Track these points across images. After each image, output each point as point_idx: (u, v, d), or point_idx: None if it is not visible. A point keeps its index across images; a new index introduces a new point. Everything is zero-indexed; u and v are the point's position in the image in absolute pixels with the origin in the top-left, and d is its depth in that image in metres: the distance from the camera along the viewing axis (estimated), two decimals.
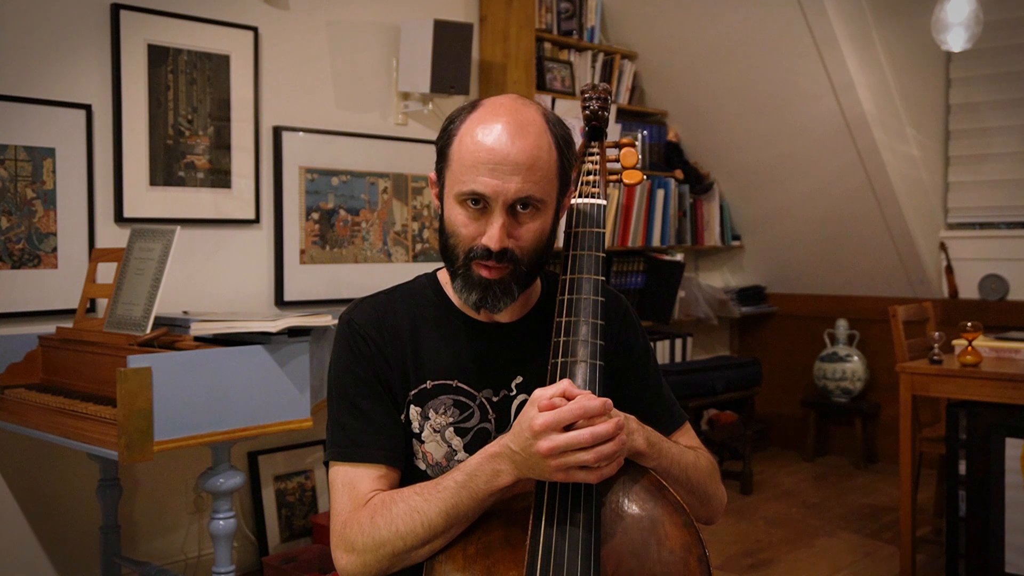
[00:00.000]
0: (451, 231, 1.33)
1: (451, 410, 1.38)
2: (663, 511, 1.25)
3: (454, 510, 1.24)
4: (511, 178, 1.28)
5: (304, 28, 3.74)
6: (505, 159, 1.28)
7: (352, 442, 1.35)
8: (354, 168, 3.84)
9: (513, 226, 1.31)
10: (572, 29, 4.74)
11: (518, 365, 1.41)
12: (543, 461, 1.18)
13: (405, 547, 1.26)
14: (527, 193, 1.29)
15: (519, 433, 1.20)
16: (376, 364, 1.38)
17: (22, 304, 3.02)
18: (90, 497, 3.08)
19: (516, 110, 1.32)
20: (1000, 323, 4.33)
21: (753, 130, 5.02)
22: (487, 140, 1.29)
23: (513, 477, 1.23)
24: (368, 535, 1.28)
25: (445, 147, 1.35)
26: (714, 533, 3.86)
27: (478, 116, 1.33)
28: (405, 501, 1.27)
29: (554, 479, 1.20)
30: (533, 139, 1.30)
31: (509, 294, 1.34)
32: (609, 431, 1.17)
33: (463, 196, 1.31)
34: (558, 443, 1.16)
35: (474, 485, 1.24)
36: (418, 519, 1.25)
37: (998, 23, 4.49)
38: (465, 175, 1.30)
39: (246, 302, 3.55)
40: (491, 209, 1.30)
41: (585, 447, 1.16)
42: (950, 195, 4.98)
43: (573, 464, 1.17)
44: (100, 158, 3.20)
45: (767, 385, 5.05)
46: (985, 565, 3.12)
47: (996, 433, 3.11)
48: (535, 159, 1.30)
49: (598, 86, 1.49)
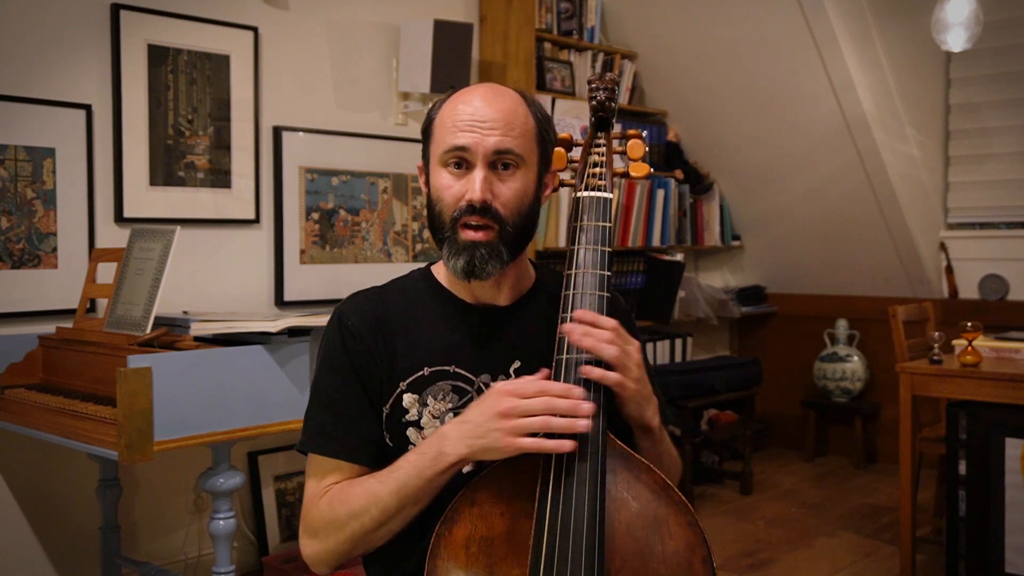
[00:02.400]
0: (437, 197, 1.37)
1: (450, 395, 1.39)
2: (668, 510, 1.24)
3: (404, 489, 1.28)
4: (490, 132, 1.34)
5: (304, 28, 3.74)
6: (484, 116, 1.35)
7: (321, 434, 1.38)
8: (354, 168, 3.84)
9: (494, 183, 1.35)
10: (572, 29, 4.74)
11: (516, 349, 1.42)
12: (496, 423, 1.22)
13: (362, 529, 1.30)
14: (506, 146, 1.34)
15: (485, 397, 1.26)
16: (358, 359, 1.39)
17: (22, 304, 3.02)
18: (90, 497, 3.08)
19: (493, 86, 1.41)
20: (1000, 323, 4.33)
21: (753, 130, 5.02)
22: (466, 105, 1.36)
23: (457, 455, 1.25)
24: (327, 519, 1.32)
25: (428, 127, 1.42)
26: (714, 533, 3.86)
27: (458, 95, 1.40)
28: (362, 484, 1.32)
29: (501, 445, 1.22)
30: (510, 102, 1.38)
31: (496, 256, 1.35)
32: (560, 390, 1.23)
33: (446, 156, 1.35)
34: (516, 404, 1.22)
35: (421, 464, 1.27)
36: (371, 499, 1.29)
37: (998, 23, 4.49)
38: (446, 136, 1.36)
39: (246, 302, 3.55)
40: (472, 166, 1.35)
41: (536, 407, 1.21)
42: (950, 195, 4.98)
43: (523, 427, 1.21)
44: (100, 158, 3.20)
45: (767, 385, 5.05)
46: (985, 565, 3.12)
47: (996, 433, 3.11)
48: (512, 116, 1.37)
49: (605, 76, 1.47)
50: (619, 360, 1.27)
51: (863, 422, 5.14)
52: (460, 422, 1.27)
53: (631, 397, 1.29)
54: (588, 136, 1.50)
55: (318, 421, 1.39)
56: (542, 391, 1.23)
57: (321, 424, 1.39)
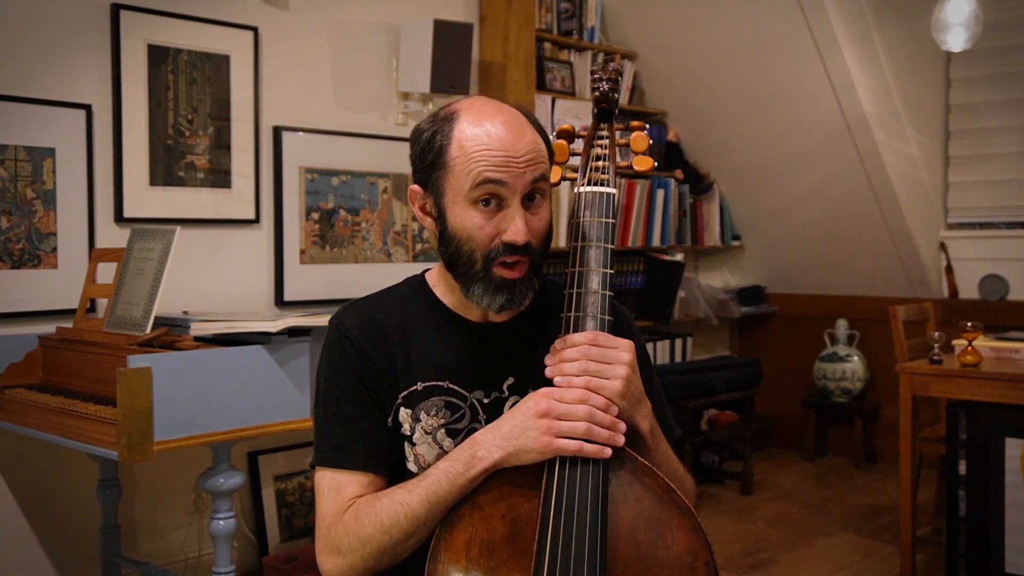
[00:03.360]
0: (467, 236, 1.31)
1: (442, 411, 1.37)
2: (671, 514, 1.23)
3: (435, 497, 1.26)
4: (526, 166, 1.30)
5: (304, 28, 3.74)
6: (516, 150, 1.29)
7: (336, 447, 1.35)
8: (354, 168, 3.84)
9: (528, 218, 1.31)
10: (572, 29, 4.74)
11: (510, 366, 1.40)
12: (534, 423, 1.23)
13: (391, 541, 1.27)
14: (540, 173, 1.31)
15: (522, 402, 1.27)
16: (363, 369, 1.37)
17: (22, 304, 3.02)
18: (90, 497, 3.08)
19: (501, 108, 1.34)
20: (1000, 323, 4.33)
21: (753, 130, 5.02)
22: (493, 138, 1.29)
23: (491, 458, 1.24)
24: (353, 534, 1.28)
25: (440, 154, 1.32)
26: (714, 533, 3.85)
27: (468, 119, 1.32)
28: (389, 496, 1.29)
29: (539, 445, 1.22)
30: (530, 131, 1.34)
31: (531, 288, 1.35)
32: (602, 403, 1.24)
33: (477, 191, 1.29)
34: (555, 405, 1.24)
35: (453, 471, 1.26)
36: (401, 511, 1.26)
37: (998, 23, 4.49)
38: (474, 168, 1.28)
39: (246, 302, 3.55)
40: (507, 203, 1.30)
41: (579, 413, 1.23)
42: (950, 195, 4.97)
43: (565, 430, 1.22)
44: (100, 158, 3.20)
45: (767, 385, 5.04)
46: (985, 565, 3.12)
47: (996, 433, 3.11)
48: (538, 147, 1.33)
49: (608, 66, 1.44)
50: (593, 370, 1.26)
51: (863, 422, 5.14)
52: (495, 426, 1.26)
53: (620, 401, 1.28)
54: (591, 128, 1.46)
55: (332, 436, 1.36)
56: (583, 400, 1.23)
57: (335, 438, 1.36)
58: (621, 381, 1.26)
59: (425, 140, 1.35)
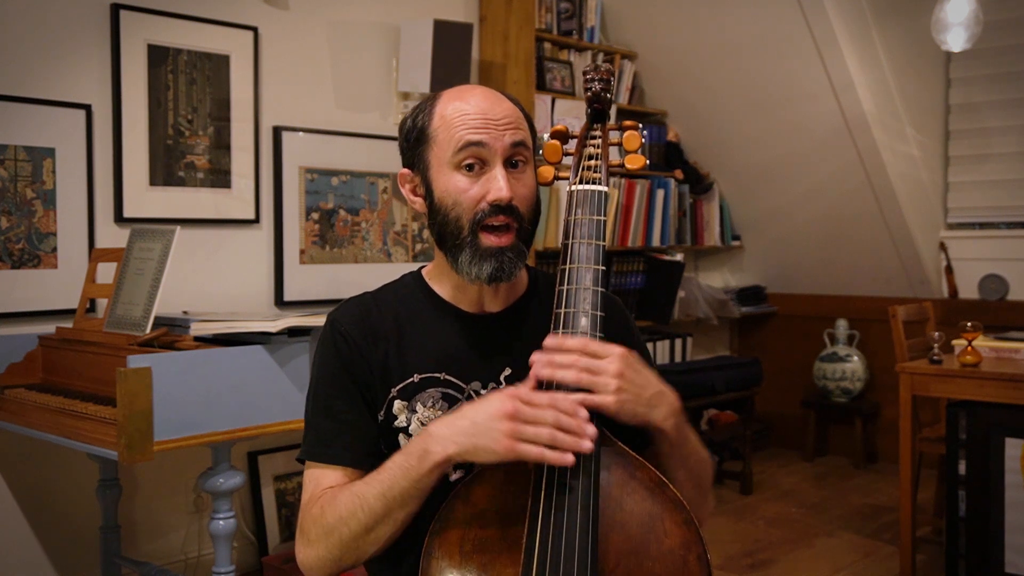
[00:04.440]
0: (453, 201, 1.33)
1: (439, 403, 1.37)
2: (663, 508, 1.23)
3: (390, 491, 1.25)
4: (505, 128, 1.33)
5: (304, 28, 3.74)
6: (494, 114, 1.34)
7: (321, 441, 1.37)
8: (354, 168, 3.85)
9: (511, 181, 1.33)
10: (572, 29, 4.74)
11: (507, 357, 1.40)
12: (498, 423, 1.19)
13: (350, 533, 1.27)
14: (520, 138, 1.34)
15: (486, 400, 1.23)
16: (354, 365, 1.37)
17: (22, 304, 3.02)
18: (90, 497, 3.08)
19: (480, 86, 1.40)
20: (1000, 323, 4.33)
21: (753, 130, 5.02)
22: (468, 104, 1.34)
23: (446, 453, 1.22)
24: (319, 524, 1.30)
25: (423, 130, 1.37)
26: (714, 533, 3.86)
27: (448, 96, 1.38)
28: (350, 488, 1.30)
29: (500, 447, 1.19)
30: (508, 102, 1.38)
31: (521, 257, 1.35)
32: (570, 408, 1.19)
33: (459, 155, 1.32)
34: (522, 409, 1.19)
35: (407, 463, 1.25)
36: (358, 503, 1.27)
37: (998, 23, 4.49)
38: (456, 135, 1.33)
39: (246, 302, 3.55)
40: (490, 164, 1.33)
41: (546, 419, 1.19)
42: (950, 195, 4.98)
43: (530, 435, 1.18)
44: (100, 158, 3.20)
45: (767, 385, 5.04)
46: (985, 565, 3.12)
47: (996, 433, 3.11)
48: (516, 114, 1.37)
49: (600, 67, 1.45)
50: (586, 383, 1.22)
51: (863, 422, 5.14)
52: (452, 420, 1.24)
53: (617, 411, 1.24)
54: (583, 128, 1.47)
55: (317, 429, 1.38)
56: (552, 404, 1.20)
57: (320, 432, 1.37)
58: (612, 397, 1.23)
59: (409, 124, 1.41)
